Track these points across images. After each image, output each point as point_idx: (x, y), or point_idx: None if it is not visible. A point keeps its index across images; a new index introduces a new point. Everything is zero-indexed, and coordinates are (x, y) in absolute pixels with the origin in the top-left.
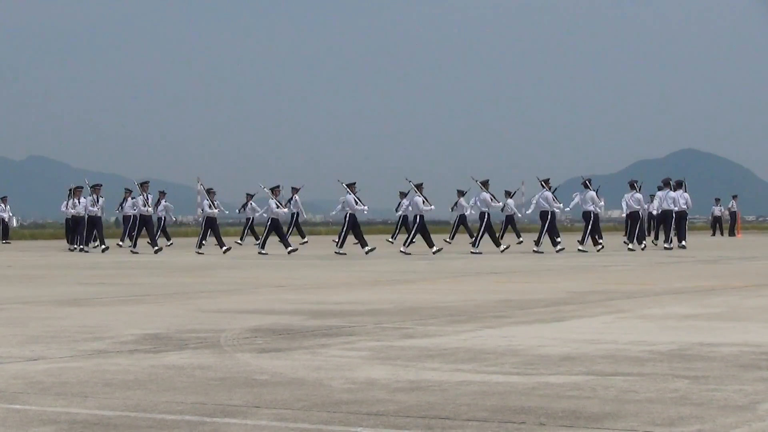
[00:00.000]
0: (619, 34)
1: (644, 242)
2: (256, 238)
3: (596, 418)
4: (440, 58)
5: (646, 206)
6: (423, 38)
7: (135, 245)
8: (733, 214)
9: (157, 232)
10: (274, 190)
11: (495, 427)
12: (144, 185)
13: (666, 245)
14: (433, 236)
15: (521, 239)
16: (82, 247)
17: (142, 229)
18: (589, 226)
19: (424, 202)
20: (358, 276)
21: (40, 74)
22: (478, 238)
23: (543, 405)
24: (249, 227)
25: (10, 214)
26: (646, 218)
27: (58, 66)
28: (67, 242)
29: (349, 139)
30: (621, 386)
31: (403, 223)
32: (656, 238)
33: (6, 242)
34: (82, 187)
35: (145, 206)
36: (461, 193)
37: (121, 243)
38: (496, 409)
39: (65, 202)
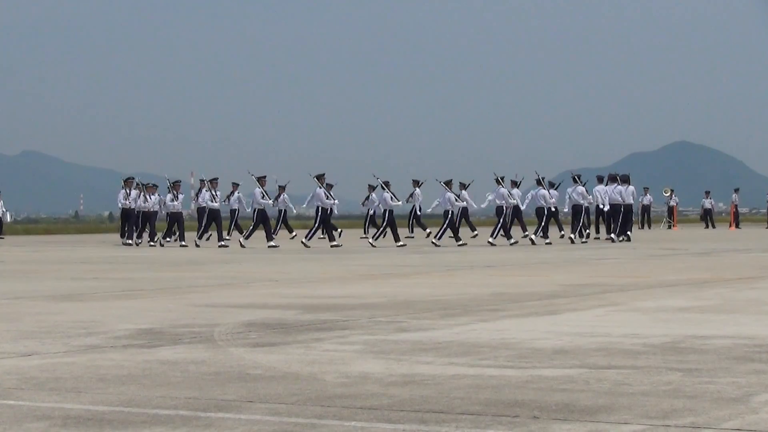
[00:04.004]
0: (612, 27)
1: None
2: (240, 231)
3: (590, 411)
4: (432, 51)
5: (639, 199)
6: (416, 32)
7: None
8: (735, 208)
9: (231, 224)
10: (261, 180)
11: (488, 421)
12: (213, 182)
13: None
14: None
15: (527, 232)
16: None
17: (173, 224)
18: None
19: (392, 198)
20: (352, 270)
21: (34, 69)
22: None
23: (536, 398)
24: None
25: (4, 209)
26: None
27: (52, 61)
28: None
29: (345, 134)
30: (614, 379)
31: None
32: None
33: None
34: (157, 186)
35: (213, 200)
36: (463, 186)
37: (228, 236)
38: (490, 403)
39: (130, 194)
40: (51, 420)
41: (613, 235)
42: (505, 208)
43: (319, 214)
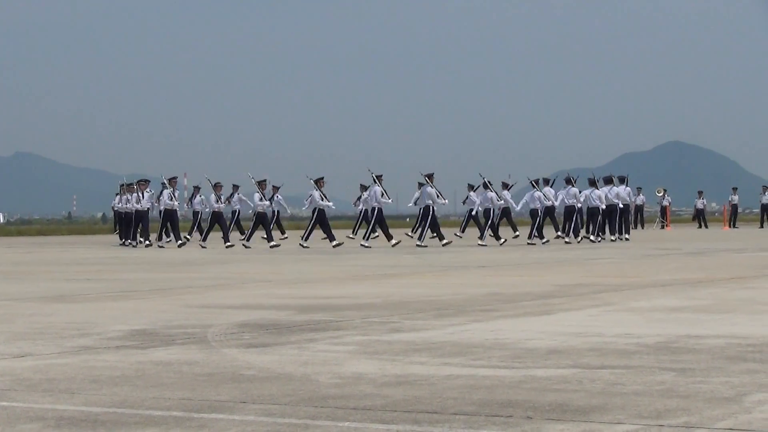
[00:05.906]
0: (606, 26)
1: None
2: (242, 233)
3: (583, 411)
4: (426, 51)
5: (634, 199)
6: (414, 32)
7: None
8: (734, 207)
9: (271, 224)
10: (261, 184)
11: (482, 421)
12: (172, 181)
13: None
14: (442, 229)
15: (518, 232)
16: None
17: (167, 223)
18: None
19: (383, 194)
20: (346, 270)
21: (28, 71)
22: (423, 232)
23: (530, 398)
24: (235, 221)
25: None
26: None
27: (46, 62)
28: (125, 237)
29: (342, 134)
30: (608, 379)
31: (364, 217)
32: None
33: None
34: (148, 181)
35: (171, 200)
36: (471, 188)
37: (188, 237)
38: (484, 403)
39: (128, 196)
40: (44, 421)
41: (564, 236)
42: (493, 210)
43: (425, 212)
